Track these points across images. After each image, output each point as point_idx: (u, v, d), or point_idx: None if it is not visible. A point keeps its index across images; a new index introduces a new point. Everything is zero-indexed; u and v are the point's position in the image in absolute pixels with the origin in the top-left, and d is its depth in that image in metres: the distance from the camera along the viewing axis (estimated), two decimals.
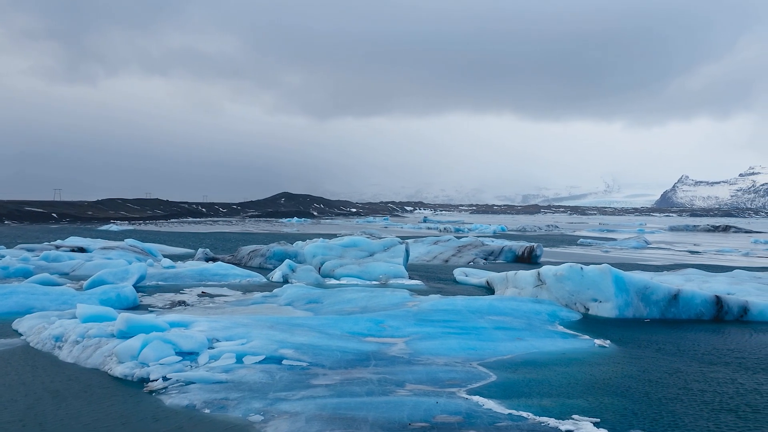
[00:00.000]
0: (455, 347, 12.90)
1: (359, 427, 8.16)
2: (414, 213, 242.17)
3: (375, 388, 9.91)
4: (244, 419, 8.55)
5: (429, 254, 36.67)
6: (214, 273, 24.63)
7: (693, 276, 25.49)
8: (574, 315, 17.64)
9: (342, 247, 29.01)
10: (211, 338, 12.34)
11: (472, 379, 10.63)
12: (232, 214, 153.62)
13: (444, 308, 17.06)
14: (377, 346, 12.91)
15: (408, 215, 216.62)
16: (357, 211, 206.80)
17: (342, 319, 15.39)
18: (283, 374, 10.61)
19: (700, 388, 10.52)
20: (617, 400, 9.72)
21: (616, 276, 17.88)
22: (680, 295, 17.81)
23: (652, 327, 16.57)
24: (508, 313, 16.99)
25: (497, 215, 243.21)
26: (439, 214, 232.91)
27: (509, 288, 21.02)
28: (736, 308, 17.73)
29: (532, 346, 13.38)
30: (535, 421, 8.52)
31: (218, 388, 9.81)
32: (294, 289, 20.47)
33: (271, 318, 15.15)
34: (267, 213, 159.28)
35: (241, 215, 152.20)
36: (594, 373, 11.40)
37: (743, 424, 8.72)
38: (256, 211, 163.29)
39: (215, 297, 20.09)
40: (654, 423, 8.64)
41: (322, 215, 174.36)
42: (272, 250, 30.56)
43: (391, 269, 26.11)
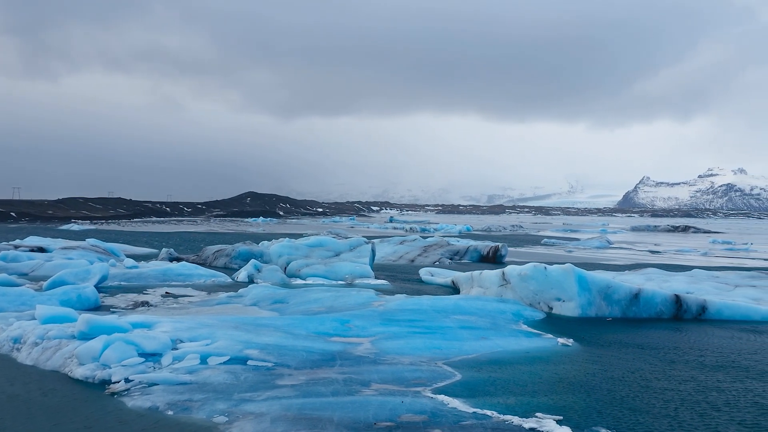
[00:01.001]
0: (421, 347, 12.97)
1: (324, 427, 8.16)
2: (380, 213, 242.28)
3: (341, 387, 9.92)
4: (208, 420, 8.48)
5: (395, 254, 36.76)
6: (179, 273, 24.34)
7: (653, 275, 26.00)
8: (538, 314, 17.87)
9: (308, 246, 28.92)
10: (175, 339, 12.20)
11: (438, 378, 10.70)
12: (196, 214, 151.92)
13: (410, 308, 17.12)
14: (343, 346, 12.91)
15: (374, 215, 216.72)
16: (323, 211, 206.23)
17: (308, 319, 15.35)
18: (249, 375, 10.55)
19: (662, 385, 10.74)
20: (580, 397, 9.88)
21: (579, 275, 18.16)
22: (641, 295, 18.16)
23: (614, 326, 16.87)
24: (473, 312, 17.13)
25: (463, 215, 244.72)
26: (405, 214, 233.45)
27: (474, 287, 21.18)
28: (694, 307, 18.14)
29: (497, 345, 13.51)
30: (499, 419, 8.62)
31: (182, 389, 9.70)
32: (259, 289, 20.34)
33: (237, 318, 15.04)
34: (232, 212, 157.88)
35: (206, 215, 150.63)
36: (557, 372, 11.56)
37: (703, 421, 8.93)
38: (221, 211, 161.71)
39: (179, 297, 19.87)
40: (616, 420, 8.81)
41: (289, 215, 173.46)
42: (237, 249, 30.31)
43: (358, 269, 26.11)
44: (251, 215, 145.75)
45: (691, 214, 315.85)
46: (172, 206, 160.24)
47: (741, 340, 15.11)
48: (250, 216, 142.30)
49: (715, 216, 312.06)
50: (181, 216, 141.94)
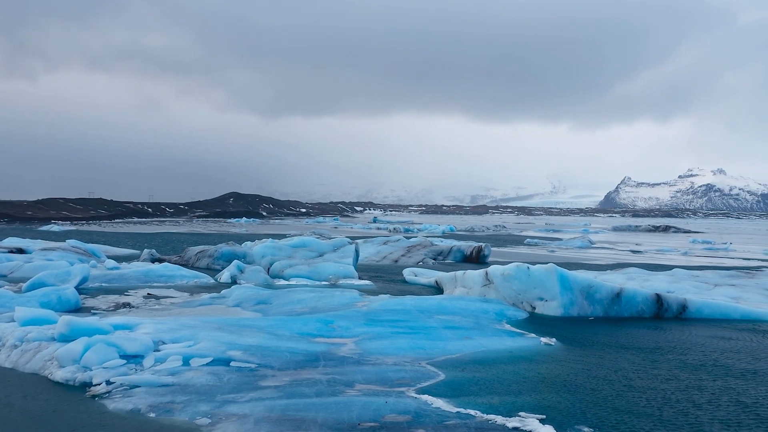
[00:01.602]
0: (404, 347, 12.98)
1: (308, 428, 8.14)
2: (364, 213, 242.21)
3: (324, 388, 9.90)
4: (191, 422, 8.43)
5: (379, 254, 36.76)
6: (161, 274, 24.16)
7: (635, 275, 26.21)
8: (521, 314, 17.94)
9: (291, 247, 28.83)
10: (157, 340, 12.11)
11: (421, 379, 10.71)
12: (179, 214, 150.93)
13: (393, 308, 17.13)
14: (327, 347, 12.89)
15: (358, 215, 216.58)
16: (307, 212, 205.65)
17: (291, 319, 15.30)
18: (231, 376, 10.49)
19: (644, 384, 10.83)
20: (563, 396, 9.94)
21: (561, 275, 18.26)
22: (622, 294, 18.30)
23: (596, 325, 16.99)
24: (457, 312, 17.17)
25: (446, 215, 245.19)
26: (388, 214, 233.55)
27: (458, 287, 21.23)
28: (675, 306, 18.31)
29: (480, 345, 13.56)
30: (482, 418, 8.64)
31: (164, 391, 9.63)
32: (242, 290, 20.25)
33: (219, 319, 14.96)
34: (215, 213, 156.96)
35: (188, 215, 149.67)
36: (540, 371, 11.62)
37: (685, 420, 9.01)
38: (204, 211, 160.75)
39: (161, 298, 19.72)
40: (599, 419, 8.87)
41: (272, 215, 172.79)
42: (220, 250, 30.14)
43: (341, 269, 26.07)
44: (234, 216, 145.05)
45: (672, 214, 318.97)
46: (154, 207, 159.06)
47: (721, 338, 15.28)
48: (233, 216, 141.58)
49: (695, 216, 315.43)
50: (163, 217, 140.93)
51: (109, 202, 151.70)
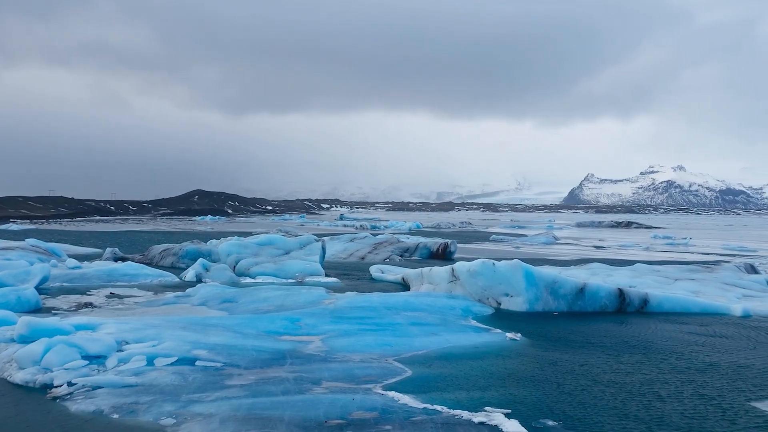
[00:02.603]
0: (371, 344, 13.00)
1: (275, 426, 8.10)
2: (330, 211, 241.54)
3: (291, 386, 9.86)
4: (155, 423, 8.32)
5: (345, 252, 36.72)
6: (124, 273, 23.78)
7: (598, 270, 26.60)
8: (486, 309, 18.10)
9: (257, 245, 28.62)
10: (120, 340, 11.94)
11: (388, 375, 10.73)
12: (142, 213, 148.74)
13: (360, 305, 17.14)
14: (293, 345, 12.84)
15: (324, 213, 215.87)
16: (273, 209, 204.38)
17: (257, 318, 15.20)
18: (197, 375, 10.39)
19: (608, 378, 11.01)
20: (528, 391, 10.06)
21: (526, 271, 18.46)
22: (586, 289, 18.58)
23: (561, 320, 17.22)
24: (423, 308, 17.25)
25: (413, 212, 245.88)
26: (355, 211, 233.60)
27: (424, 284, 21.33)
28: (637, 300, 18.66)
29: (447, 341, 13.64)
30: (449, 414, 8.70)
31: (128, 391, 9.49)
32: (208, 289, 20.05)
33: (184, 318, 14.79)
34: (180, 211, 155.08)
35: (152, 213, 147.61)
36: (506, 366, 11.74)
37: (648, 412, 9.19)
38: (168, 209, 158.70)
39: (125, 298, 19.42)
40: (564, 413, 8.99)
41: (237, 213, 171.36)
42: (185, 248, 29.78)
43: (308, 267, 25.98)
44: (199, 213, 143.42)
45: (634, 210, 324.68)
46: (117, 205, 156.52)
47: (682, 332, 15.61)
48: (198, 214, 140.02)
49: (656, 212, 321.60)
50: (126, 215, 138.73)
51: (70, 201, 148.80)
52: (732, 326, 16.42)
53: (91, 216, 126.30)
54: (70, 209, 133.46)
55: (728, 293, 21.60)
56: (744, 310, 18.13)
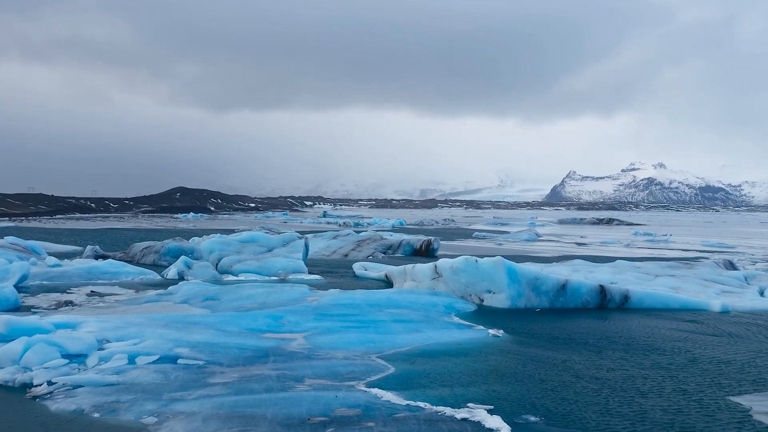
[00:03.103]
0: (354, 341, 13.00)
1: (258, 424, 8.08)
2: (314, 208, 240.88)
3: (274, 384, 9.84)
4: (136, 422, 8.27)
5: (329, 249, 36.68)
6: (105, 271, 23.57)
7: (579, 266, 26.82)
8: (469, 306, 18.17)
9: (240, 242, 28.49)
10: (101, 339, 11.85)
11: (371, 372, 10.75)
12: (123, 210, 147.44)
13: (343, 302, 17.13)
14: (276, 342, 12.81)
15: (308, 210, 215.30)
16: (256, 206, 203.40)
17: (240, 315, 15.15)
18: (179, 374, 10.33)
19: (590, 373, 11.10)
20: (510, 387, 10.12)
21: (508, 268, 18.56)
22: (568, 285, 18.71)
23: (543, 316, 17.33)
24: (406, 305, 17.28)
25: (396, 209, 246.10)
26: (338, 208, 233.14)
27: (407, 281, 21.36)
28: (618, 296, 18.83)
29: (429, 338, 13.67)
30: (431, 410, 8.73)
31: (109, 390, 9.42)
32: (190, 286, 19.94)
33: (166, 316, 14.70)
34: (161, 208, 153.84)
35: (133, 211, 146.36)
36: (488, 362, 11.80)
37: (630, 408, 9.28)
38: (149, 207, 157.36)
39: (106, 296, 19.26)
40: (546, 409, 9.06)
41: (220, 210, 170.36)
42: (167, 246, 29.59)
43: (291, 264, 25.92)
44: (181, 211, 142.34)
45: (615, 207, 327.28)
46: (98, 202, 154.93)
47: (662, 327, 15.78)
48: (180, 212, 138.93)
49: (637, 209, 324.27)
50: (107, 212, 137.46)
51: (50, 198, 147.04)
52: (711, 322, 16.62)
53: (72, 213, 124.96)
54: (50, 206, 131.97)
55: (707, 289, 21.87)
56: (723, 305, 18.36)
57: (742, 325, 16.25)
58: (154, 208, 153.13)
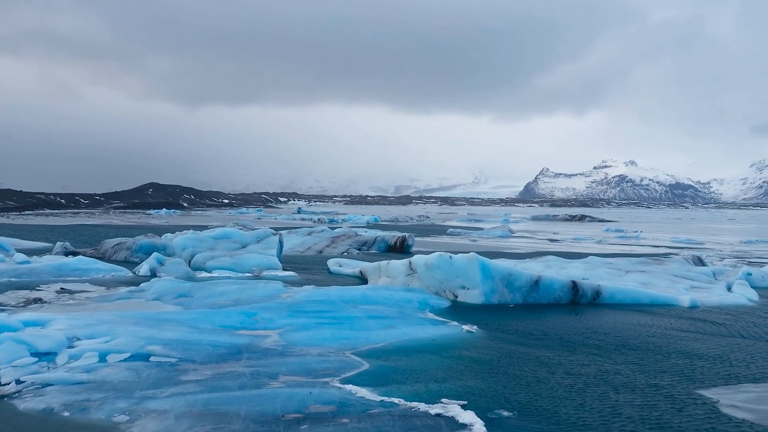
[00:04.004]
0: (329, 337, 12.98)
1: (231, 421, 8.03)
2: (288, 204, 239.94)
3: (248, 381, 9.79)
4: (107, 420, 8.17)
5: (303, 245, 36.56)
6: (75, 268, 23.23)
7: (552, 263, 27.05)
8: (443, 302, 18.24)
9: (213, 239, 28.28)
10: (71, 337, 11.68)
11: (346, 369, 10.74)
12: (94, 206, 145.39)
13: (318, 299, 17.09)
14: (250, 339, 12.74)
15: (282, 206, 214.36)
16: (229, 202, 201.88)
17: (213, 312, 15.03)
18: (151, 371, 10.23)
19: (563, 369, 11.21)
20: (484, 382, 10.18)
21: (482, 264, 18.66)
22: (541, 281, 18.88)
23: (516, 312, 17.46)
24: (381, 302, 17.30)
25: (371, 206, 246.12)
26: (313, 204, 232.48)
27: (382, 277, 21.38)
28: (590, 292, 19.05)
29: (404, 334, 13.71)
30: (406, 406, 8.75)
31: (79, 389, 9.29)
32: (162, 283, 19.74)
33: (138, 314, 14.53)
34: (133, 204, 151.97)
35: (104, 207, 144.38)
36: (462, 358, 11.86)
37: (603, 402, 9.40)
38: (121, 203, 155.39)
39: (76, 293, 18.97)
40: (520, 404, 9.13)
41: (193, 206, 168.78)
42: (139, 242, 29.24)
43: (265, 261, 25.79)
44: (153, 207, 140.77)
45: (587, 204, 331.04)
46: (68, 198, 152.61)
47: (633, 323, 15.99)
48: (153, 208, 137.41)
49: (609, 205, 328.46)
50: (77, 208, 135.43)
51: (18, 193, 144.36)
52: (680, 317, 16.89)
53: (41, 209, 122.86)
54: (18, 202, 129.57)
55: (677, 285, 22.21)
56: (691, 301, 18.67)
57: (710, 320, 16.54)
58: (125, 204, 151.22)
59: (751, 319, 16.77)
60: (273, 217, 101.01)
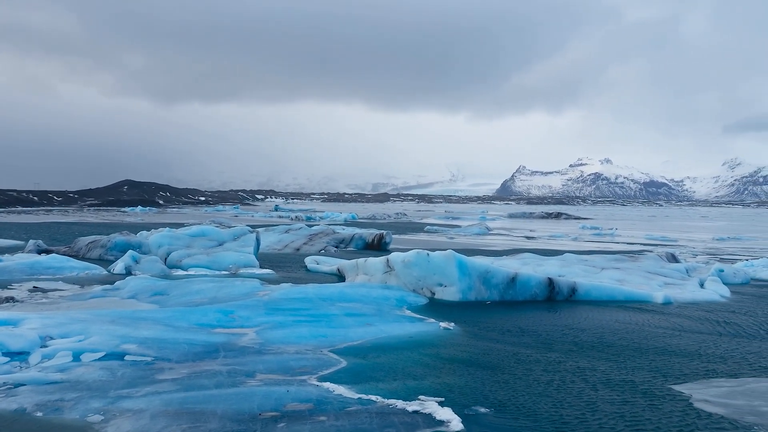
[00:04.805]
0: (306, 335, 12.95)
1: (207, 420, 7.98)
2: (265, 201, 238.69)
3: (224, 379, 9.73)
4: (82, 420, 8.07)
5: (280, 243, 36.40)
6: (48, 266, 22.89)
7: (529, 260, 27.24)
8: (421, 299, 18.28)
9: (190, 236, 28.04)
10: (44, 336, 11.51)
11: (323, 366, 10.73)
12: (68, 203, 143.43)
13: (295, 296, 17.04)
14: (227, 337, 12.66)
15: (259, 204, 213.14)
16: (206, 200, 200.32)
17: (189, 310, 14.91)
18: (126, 370, 10.12)
19: (540, 366, 11.29)
20: (461, 379, 10.23)
21: (459, 261, 18.74)
22: (517, 278, 19.01)
23: (493, 308, 17.56)
24: (358, 299, 17.29)
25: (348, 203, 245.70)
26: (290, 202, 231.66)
27: (359, 275, 21.37)
28: (566, 289, 19.22)
29: (381, 331, 13.72)
30: (383, 403, 8.76)
31: (52, 389, 9.17)
32: (138, 281, 19.53)
33: (113, 312, 14.37)
34: (108, 202, 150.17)
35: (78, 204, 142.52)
36: (439, 355, 11.90)
37: (580, 399, 9.48)
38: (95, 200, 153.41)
39: (49, 292, 18.70)
40: (497, 400, 9.19)
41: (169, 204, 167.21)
42: (114, 240, 28.90)
43: (242, 259, 25.63)
44: (128, 204, 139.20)
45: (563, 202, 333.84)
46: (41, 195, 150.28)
47: (608, 319, 16.16)
48: (128, 205, 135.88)
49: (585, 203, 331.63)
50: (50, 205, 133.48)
51: None
52: (654, 313, 17.12)
53: (13, 206, 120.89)
54: None
55: (651, 281, 22.50)
56: (665, 297, 18.92)
57: (683, 315, 16.78)
58: (100, 202, 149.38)
59: (723, 315, 17.04)
60: (250, 215, 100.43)
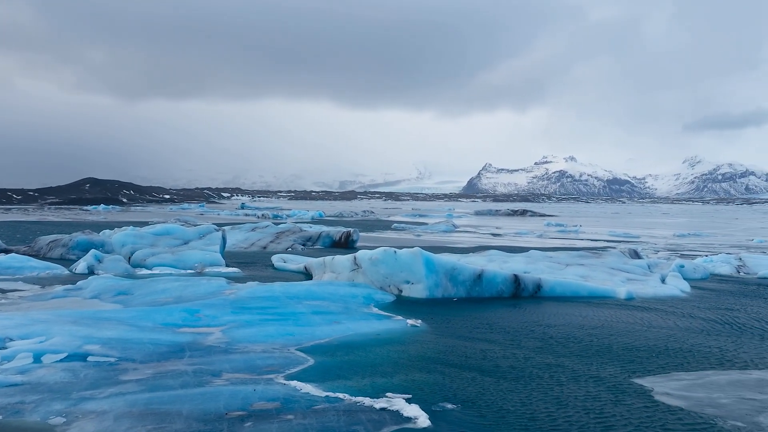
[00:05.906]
0: (273, 334, 12.89)
1: (173, 420, 7.89)
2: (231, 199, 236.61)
3: (190, 379, 9.63)
4: (43, 423, 7.91)
5: (247, 241, 36.13)
6: (7, 266, 22.36)
7: (495, 257, 27.48)
8: (388, 297, 18.32)
9: (154, 235, 27.66)
10: (4, 337, 11.26)
11: (290, 365, 10.69)
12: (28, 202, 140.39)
13: (262, 295, 16.93)
14: (192, 337, 12.53)
15: (225, 202, 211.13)
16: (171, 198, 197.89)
17: (154, 310, 14.72)
18: (89, 372, 9.95)
19: (508, 362, 11.39)
20: (428, 376, 10.28)
21: (426, 258, 18.82)
22: (484, 275, 19.16)
23: (460, 305, 17.68)
24: (326, 297, 17.26)
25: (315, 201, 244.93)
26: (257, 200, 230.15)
27: (327, 273, 21.32)
28: (531, 285, 19.43)
29: (349, 329, 13.72)
30: (351, 401, 8.77)
31: (12, 391, 8.97)
32: (101, 281, 19.20)
33: (75, 312, 14.11)
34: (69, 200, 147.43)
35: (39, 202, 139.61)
36: (407, 352, 11.95)
37: (548, 395, 9.60)
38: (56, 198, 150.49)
39: (9, 292, 18.28)
40: (464, 396, 9.25)
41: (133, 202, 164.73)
42: (76, 239, 28.36)
43: (207, 257, 25.38)
44: (91, 203, 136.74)
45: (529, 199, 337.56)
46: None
47: (573, 315, 16.39)
48: (90, 204, 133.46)
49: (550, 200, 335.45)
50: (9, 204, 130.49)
51: None
52: (617, 308, 17.41)
53: None
54: None
55: (614, 277, 22.88)
56: (628, 293, 19.26)
57: (645, 310, 17.11)
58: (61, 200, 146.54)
59: (684, 310, 17.42)
60: (216, 213, 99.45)
